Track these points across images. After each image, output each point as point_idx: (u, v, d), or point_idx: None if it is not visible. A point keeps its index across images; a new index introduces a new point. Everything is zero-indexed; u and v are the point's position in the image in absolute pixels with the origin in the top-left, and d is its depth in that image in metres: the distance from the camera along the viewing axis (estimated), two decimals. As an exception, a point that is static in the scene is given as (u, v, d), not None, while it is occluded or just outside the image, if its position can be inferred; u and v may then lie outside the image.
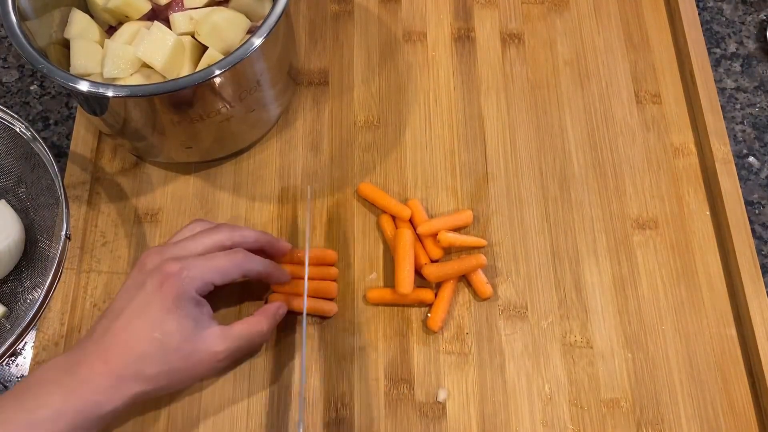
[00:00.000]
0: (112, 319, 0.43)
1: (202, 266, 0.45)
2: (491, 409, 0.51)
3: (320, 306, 0.53)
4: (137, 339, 0.42)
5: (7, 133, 0.53)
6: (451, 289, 0.53)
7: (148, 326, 0.43)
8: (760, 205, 0.60)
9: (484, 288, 0.53)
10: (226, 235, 0.48)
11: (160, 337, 0.43)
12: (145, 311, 0.43)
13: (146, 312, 0.43)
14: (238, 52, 0.48)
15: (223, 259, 0.46)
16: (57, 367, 0.42)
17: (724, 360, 0.52)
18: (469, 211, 0.56)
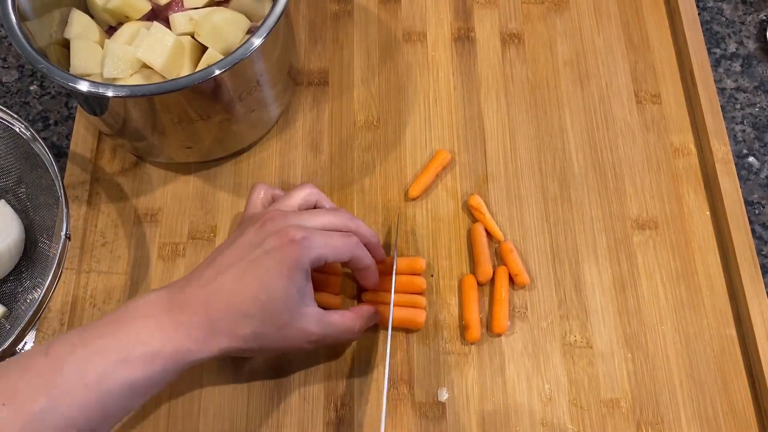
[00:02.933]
0: (221, 269, 0.43)
1: (321, 240, 0.44)
2: (491, 409, 0.51)
3: (409, 316, 0.52)
4: (243, 296, 0.42)
5: (7, 133, 0.53)
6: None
7: (256, 286, 0.42)
8: (760, 205, 0.60)
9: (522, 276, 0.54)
10: (345, 220, 0.48)
11: (265, 300, 0.42)
12: (258, 270, 0.42)
13: (258, 271, 0.42)
14: (238, 52, 0.48)
15: (339, 239, 0.46)
16: (156, 305, 0.41)
17: (724, 360, 0.52)
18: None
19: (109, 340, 0.38)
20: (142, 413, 0.51)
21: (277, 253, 0.42)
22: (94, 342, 0.38)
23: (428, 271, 0.55)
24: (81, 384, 0.36)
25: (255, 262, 0.42)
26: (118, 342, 0.38)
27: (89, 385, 0.36)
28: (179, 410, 0.51)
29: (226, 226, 0.57)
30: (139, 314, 0.40)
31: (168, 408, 0.51)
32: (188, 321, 0.40)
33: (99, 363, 0.37)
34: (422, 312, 0.52)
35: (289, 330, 0.44)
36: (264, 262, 0.42)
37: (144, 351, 0.38)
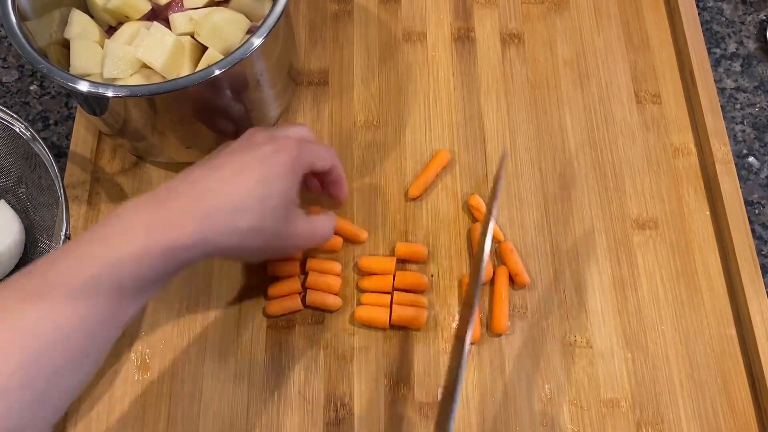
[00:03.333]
0: (212, 168, 0.42)
1: (310, 147, 0.46)
2: (491, 409, 0.51)
3: (411, 315, 0.53)
4: (239, 191, 0.41)
5: (7, 133, 0.53)
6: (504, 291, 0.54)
7: (254, 181, 0.42)
8: (760, 205, 0.60)
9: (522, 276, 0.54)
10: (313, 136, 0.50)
11: (264, 194, 0.42)
12: (255, 168, 0.42)
13: (256, 169, 0.42)
14: (238, 52, 0.48)
15: (323, 149, 0.48)
16: (141, 204, 0.39)
17: (724, 360, 0.52)
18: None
19: (94, 246, 0.36)
20: (142, 413, 0.51)
21: (273, 156, 0.43)
22: (77, 250, 0.36)
23: (428, 271, 0.55)
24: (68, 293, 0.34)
25: (250, 163, 0.42)
26: (103, 246, 0.36)
27: (76, 292, 0.34)
28: (179, 410, 0.51)
29: (226, 226, 0.57)
30: (122, 216, 0.38)
31: (168, 408, 0.51)
32: (179, 213, 0.39)
33: (83, 270, 0.35)
34: (424, 311, 0.52)
35: (284, 227, 0.44)
36: (260, 164, 0.42)
37: (131, 250, 0.36)
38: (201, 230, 0.39)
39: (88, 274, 0.35)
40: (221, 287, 0.55)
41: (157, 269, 0.37)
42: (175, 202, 0.39)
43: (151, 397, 0.51)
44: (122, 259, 0.36)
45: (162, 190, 0.40)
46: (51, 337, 0.34)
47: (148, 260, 0.37)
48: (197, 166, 0.43)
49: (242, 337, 0.53)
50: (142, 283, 0.37)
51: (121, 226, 0.37)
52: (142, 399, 0.51)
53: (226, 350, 0.53)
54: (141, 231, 0.37)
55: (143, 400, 0.51)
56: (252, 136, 0.46)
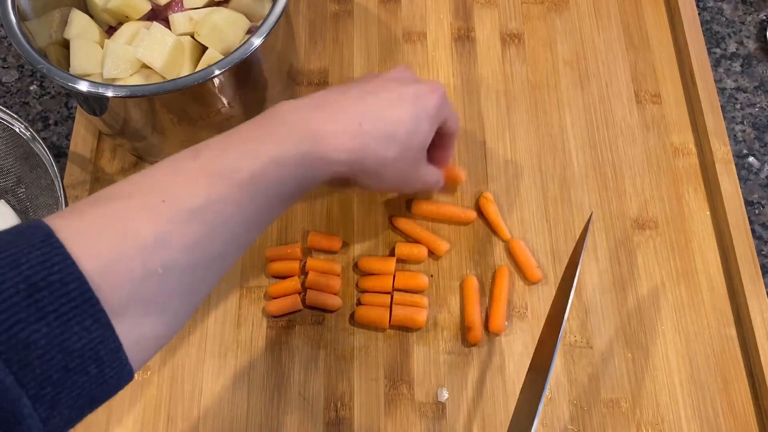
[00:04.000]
0: (369, 92, 0.43)
1: (451, 105, 0.48)
2: (491, 409, 0.51)
3: (410, 315, 0.53)
4: (394, 120, 0.42)
5: (7, 133, 0.53)
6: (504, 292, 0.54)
7: (408, 115, 0.43)
8: (760, 205, 0.60)
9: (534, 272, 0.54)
10: None
11: (412, 129, 0.43)
12: (410, 103, 0.43)
13: (411, 104, 0.43)
14: (238, 52, 0.48)
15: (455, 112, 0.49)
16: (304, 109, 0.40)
17: (724, 360, 0.52)
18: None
19: (259, 144, 0.37)
20: (142, 413, 0.51)
21: (426, 96, 0.44)
22: (243, 145, 0.37)
23: (428, 271, 0.55)
24: (234, 184, 0.35)
25: (406, 96, 0.44)
26: (268, 144, 0.37)
27: (242, 185, 0.35)
28: (179, 410, 0.51)
29: (226, 226, 0.57)
30: (289, 118, 0.39)
31: (168, 408, 0.51)
32: (341, 130, 0.40)
33: (251, 164, 0.36)
34: (423, 311, 0.52)
35: (415, 163, 0.46)
36: (415, 98, 0.44)
37: (295, 153, 0.38)
38: (353, 149, 0.41)
39: (256, 169, 0.36)
40: (221, 287, 0.55)
41: (312, 175, 0.39)
42: (335, 118, 0.40)
43: (151, 397, 0.51)
44: (287, 158, 0.37)
45: (320, 99, 0.42)
46: (215, 224, 0.34)
47: (307, 164, 0.39)
48: (354, 86, 0.44)
49: (242, 337, 0.53)
50: (296, 187, 0.39)
51: (285, 127, 0.39)
52: (142, 399, 0.51)
53: (226, 350, 0.53)
54: (304, 138, 0.39)
55: (143, 400, 0.51)
56: (403, 71, 0.47)
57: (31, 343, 0.27)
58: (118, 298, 0.30)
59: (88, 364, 0.28)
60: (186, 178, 0.35)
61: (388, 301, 0.53)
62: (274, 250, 0.55)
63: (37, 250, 0.28)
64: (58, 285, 0.28)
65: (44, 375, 0.27)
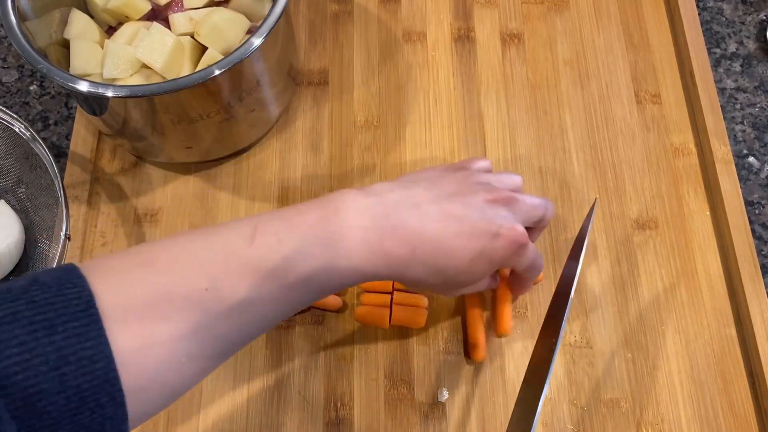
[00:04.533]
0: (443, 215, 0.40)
1: (532, 252, 0.44)
2: (491, 410, 0.51)
3: (410, 316, 0.53)
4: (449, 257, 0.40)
5: (7, 133, 0.53)
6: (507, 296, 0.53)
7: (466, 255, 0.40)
8: (760, 205, 0.60)
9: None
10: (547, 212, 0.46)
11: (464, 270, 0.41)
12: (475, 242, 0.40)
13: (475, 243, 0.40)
14: (238, 52, 0.48)
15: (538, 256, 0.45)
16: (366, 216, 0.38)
17: (724, 360, 0.52)
18: None
19: (317, 249, 0.36)
20: (142, 413, 0.51)
21: (500, 241, 0.41)
22: (302, 242, 0.36)
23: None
24: (284, 285, 0.35)
25: (477, 234, 0.40)
26: (326, 247, 0.37)
27: (292, 286, 0.35)
28: (179, 410, 0.51)
29: (226, 226, 0.57)
30: (349, 223, 0.38)
31: (168, 408, 0.51)
32: (394, 252, 0.38)
33: (304, 266, 0.36)
34: (423, 311, 0.52)
35: (459, 289, 0.43)
36: (485, 240, 0.41)
37: (347, 265, 0.37)
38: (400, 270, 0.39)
39: (307, 272, 0.36)
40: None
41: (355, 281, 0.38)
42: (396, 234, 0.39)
43: None
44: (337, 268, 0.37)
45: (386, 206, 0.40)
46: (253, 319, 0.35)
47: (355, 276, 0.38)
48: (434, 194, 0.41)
49: (242, 337, 0.53)
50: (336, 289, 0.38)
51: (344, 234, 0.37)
52: (142, 399, 0.51)
53: (226, 350, 0.53)
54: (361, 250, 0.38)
55: (143, 400, 0.51)
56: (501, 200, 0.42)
57: (45, 414, 0.27)
58: (137, 382, 0.30)
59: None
60: (235, 269, 0.34)
61: (388, 301, 0.53)
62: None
63: (76, 321, 0.28)
64: (87, 362, 0.28)
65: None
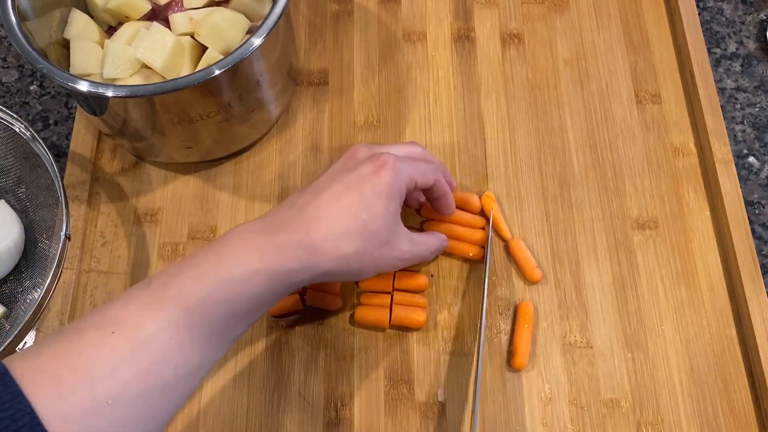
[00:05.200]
0: (315, 193, 0.43)
1: (411, 164, 0.46)
2: (491, 410, 0.51)
3: (410, 315, 0.53)
4: (343, 214, 0.42)
5: (7, 133, 0.53)
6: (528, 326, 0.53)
7: (356, 204, 0.42)
8: (760, 205, 0.60)
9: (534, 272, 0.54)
10: (423, 151, 0.50)
11: (366, 218, 0.42)
12: (356, 191, 0.43)
13: (356, 191, 0.43)
14: (238, 52, 0.48)
15: (425, 164, 0.47)
16: (252, 230, 0.41)
17: (724, 360, 0.52)
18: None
19: (208, 267, 0.38)
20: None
21: (373, 176, 0.43)
22: (193, 269, 0.38)
23: (428, 271, 0.55)
24: (184, 308, 0.36)
25: (352, 185, 0.43)
26: (219, 265, 0.38)
27: (191, 308, 0.36)
28: (179, 411, 0.51)
29: (226, 226, 0.57)
30: (236, 240, 0.40)
31: (168, 408, 0.51)
32: (288, 241, 0.40)
33: (199, 287, 0.37)
34: (423, 311, 0.52)
35: (386, 249, 0.44)
36: (361, 184, 0.43)
37: (241, 272, 0.38)
38: (308, 257, 0.41)
39: (203, 291, 0.37)
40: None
41: (267, 290, 0.39)
42: (283, 232, 0.41)
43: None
44: (235, 278, 0.38)
45: (270, 217, 0.42)
46: (166, 351, 0.35)
47: (259, 281, 0.39)
48: (304, 191, 0.44)
49: (242, 337, 0.53)
50: (251, 304, 0.39)
51: (234, 249, 0.39)
52: (142, 399, 0.51)
53: (226, 350, 0.53)
54: (253, 256, 0.39)
55: (143, 400, 0.51)
56: (354, 153, 0.46)
57: None
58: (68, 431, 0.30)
59: None
60: (136, 308, 0.36)
61: (388, 301, 0.53)
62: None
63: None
64: (9, 422, 0.29)
65: None
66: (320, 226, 0.41)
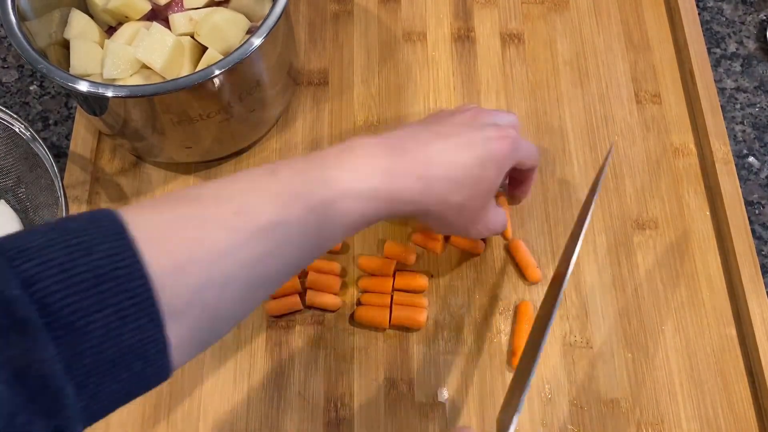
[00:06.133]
0: (439, 135, 0.44)
1: (525, 144, 0.48)
2: (491, 410, 0.51)
3: (410, 315, 0.53)
4: (460, 166, 0.43)
5: (7, 133, 0.53)
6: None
7: (474, 160, 0.43)
8: (760, 205, 0.60)
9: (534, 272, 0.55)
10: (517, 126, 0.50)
11: (479, 176, 0.43)
12: (478, 148, 0.43)
13: (479, 149, 0.43)
14: (238, 52, 0.48)
15: (533, 146, 0.49)
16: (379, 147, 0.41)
17: (724, 360, 0.52)
18: None
19: (334, 172, 0.38)
20: (142, 413, 0.51)
21: (495, 142, 0.44)
22: (320, 171, 0.38)
23: (428, 271, 0.55)
24: (306, 207, 0.36)
25: (474, 141, 0.44)
26: (343, 174, 0.39)
27: (314, 209, 0.37)
28: (179, 410, 0.51)
29: (226, 226, 0.57)
30: (363, 153, 0.40)
31: (168, 408, 0.51)
32: (409, 170, 0.41)
33: (325, 190, 0.37)
34: (423, 311, 0.52)
35: (481, 212, 0.46)
36: (484, 143, 0.44)
37: (366, 187, 0.39)
38: (420, 192, 0.41)
39: (327, 194, 0.37)
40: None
41: (376, 212, 0.40)
42: (404, 158, 0.41)
43: (151, 398, 0.51)
44: (358, 194, 0.39)
45: (393, 139, 0.43)
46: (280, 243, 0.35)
47: (375, 202, 0.39)
48: (424, 128, 0.45)
49: (242, 337, 0.53)
50: (361, 220, 0.39)
51: (363, 162, 0.40)
52: (143, 399, 0.51)
53: (226, 350, 0.53)
54: (376, 173, 0.40)
55: (143, 401, 0.51)
56: (477, 115, 0.47)
57: (87, 333, 0.27)
58: (176, 302, 0.30)
59: (135, 360, 0.29)
60: (261, 194, 0.36)
61: (388, 301, 0.53)
62: (274, 250, 0.55)
63: (109, 242, 0.29)
64: (123, 280, 0.28)
65: (93, 366, 0.28)
66: (439, 167, 0.42)
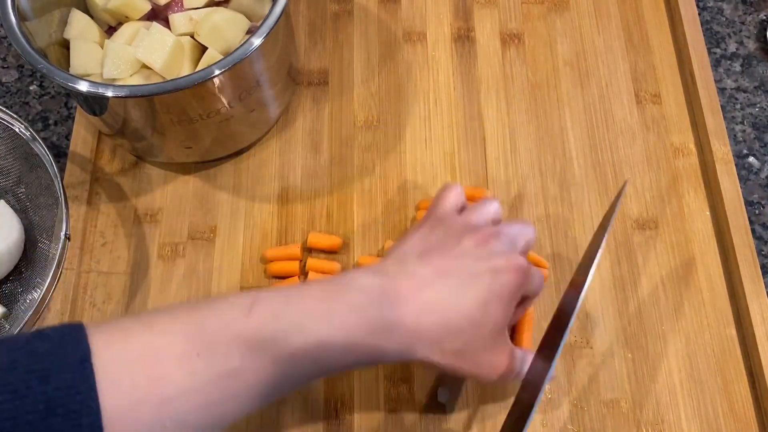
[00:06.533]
0: (439, 273, 0.40)
1: (537, 274, 0.44)
2: (491, 410, 0.51)
3: None
4: (459, 310, 0.40)
5: (7, 133, 0.53)
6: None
7: (475, 303, 0.40)
8: (760, 205, 0.60)
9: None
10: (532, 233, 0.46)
11: (479, 319, 0.40)
12: (480, 287, 0.40)
13: (480, 288, 0.40)
14: (238, 52, 0.48)
15: (540, 274, 0.45)
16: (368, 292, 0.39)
17: (724, 360, 0.52)
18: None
19: (311, 321, 0.37)
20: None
21: (503, 276, 0.41)
22: (298, 316, 0.37)
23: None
24: (274, 358, 0.35)
25: (478, 278, 0.40)
26: (320, 325, 0.37)
27: (282, 360, 0.36)
28: None
29: (226, 226, 0.57)
30: (347, 300, 0.38)
31: (168, 408, 0.51)
32: (398, 322, 0.38)
33: (297, 340, 0.36)
34: None
35: (486, 355, 0.42)
36: (488, 279, 0.40)
37: (344, 341, 0.37)
38: (407, 343, 0.39)
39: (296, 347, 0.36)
40: (221, 287, 0.55)
41: (358, 360, 0.39)
42: (394, 308, 0.39)
43: None
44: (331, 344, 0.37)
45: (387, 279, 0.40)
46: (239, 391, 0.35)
47: (354, 354, 0.38)
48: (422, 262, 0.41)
49: (242, 337, 0.53)
50: (336, 367, 0.39)
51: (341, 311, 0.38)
52: (142, 399, 0.51)
53: (226, 350, 0.53)
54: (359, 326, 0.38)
55: (143, 400, 0.51)
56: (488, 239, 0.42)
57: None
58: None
59: None
60: (230, 338, 0.35)
61: None
62: (273, 251, 0.55)
63: (71, 372, 0.30)
64: (74, 416, 0.29)
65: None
66: (434, 314, 0.39)
